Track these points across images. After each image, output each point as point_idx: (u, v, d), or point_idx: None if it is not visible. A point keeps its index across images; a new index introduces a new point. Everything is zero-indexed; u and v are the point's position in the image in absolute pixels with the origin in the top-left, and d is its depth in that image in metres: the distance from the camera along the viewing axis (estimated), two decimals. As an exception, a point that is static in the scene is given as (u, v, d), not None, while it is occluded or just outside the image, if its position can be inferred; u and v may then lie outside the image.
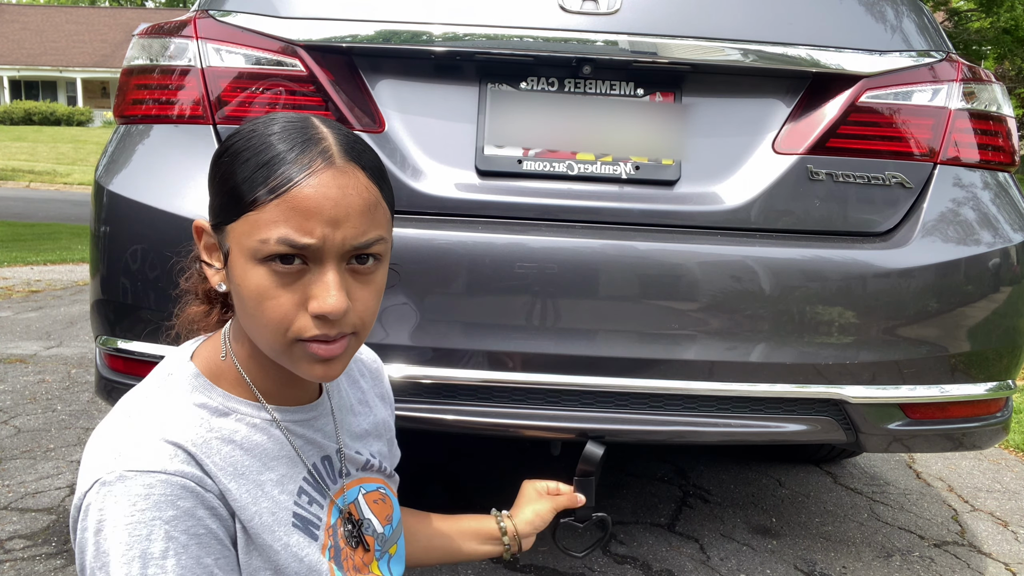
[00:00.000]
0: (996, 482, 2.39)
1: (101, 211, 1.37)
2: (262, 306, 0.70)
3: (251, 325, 0.73)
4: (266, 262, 0.69)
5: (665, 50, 1.35)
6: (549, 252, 1.29)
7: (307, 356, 0.72)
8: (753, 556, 1.77)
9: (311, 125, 0.72)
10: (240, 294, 0.71)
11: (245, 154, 0.70)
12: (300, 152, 0.69)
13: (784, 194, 1.39)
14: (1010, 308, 1.40)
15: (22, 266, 5.77)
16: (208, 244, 0.76)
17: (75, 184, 15.96)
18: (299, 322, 0.70)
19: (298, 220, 0.67)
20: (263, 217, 0.68)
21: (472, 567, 1.66)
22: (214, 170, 0.74)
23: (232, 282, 0.73)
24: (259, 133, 0.71)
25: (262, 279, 0.69)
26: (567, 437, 1.39)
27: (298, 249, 0.68)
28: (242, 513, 0.72)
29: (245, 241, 0.69)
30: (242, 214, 0.69)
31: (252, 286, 0.70)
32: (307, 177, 0.68)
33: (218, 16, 1.38)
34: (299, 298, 0.70)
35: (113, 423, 0.73)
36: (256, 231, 0.68)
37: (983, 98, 1.46)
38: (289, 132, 0.71)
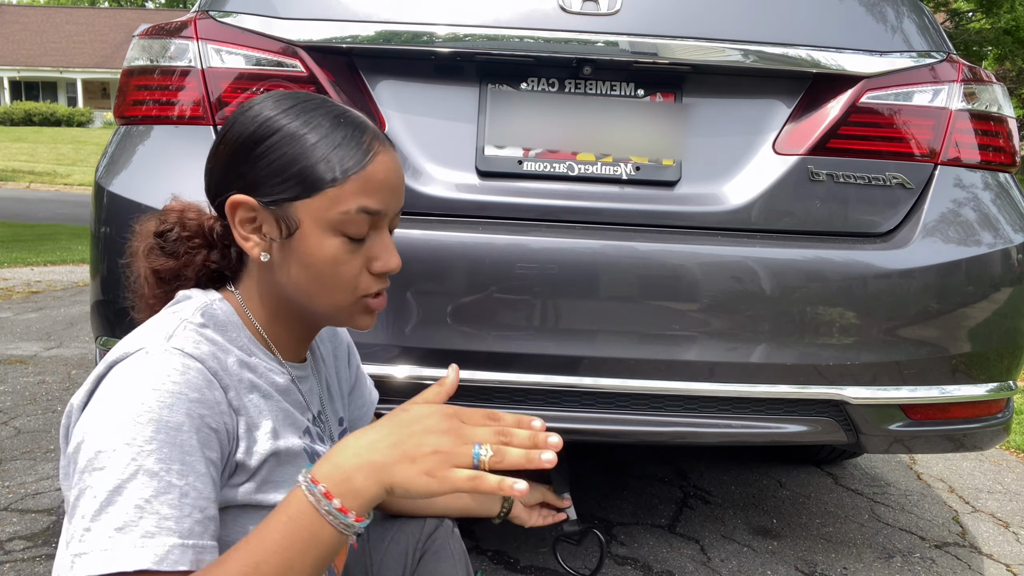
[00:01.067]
0: (997, 483, 2.39)
1: (101, 212, 1.37)
2: (337, 270, 0.81)
3: (316, 289, 0.82)
4: (342, 233, 0.80)
5: (665, 50, 1.35)
6: (549, 253, 1.29)
7: (365, 310, 0.85)
8: (754, 557, 1.76)
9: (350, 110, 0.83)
10: (309, 262, 0.81)
11: (310, 137, 0.79)
12: (362, 134, 0.81)
13: (785, 195, 1.39)
14: (1011, 309, 1.40)
15: (22, 267, 5.77)
16: (246, 218, 0.82)
17: (75, 185, 15.97)
18: (364, 282, 0.83)
19: (372, 192, 0.80)
20: (344, 191, 0.79)
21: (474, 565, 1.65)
22: (255, 149, 0.80)
23: (295, 252, 0.81)
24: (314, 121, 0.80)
25: (338, 247, 0.80)
26: (568, 438, 1.38)
27: (372, 215, 0.80)
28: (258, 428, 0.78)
29: (324, 214, 0.79)
30: (319, 191, 0.79)
31: (329, 254, 0.80)
32: (375, 155, 0.81)
33: (218, 17, 1.38)
34: (363, 261, 0.82)
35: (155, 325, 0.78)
36: (337, 204, 0.79)
37: (984, 99, 1.46)
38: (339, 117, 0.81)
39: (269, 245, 0.82)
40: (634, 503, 2.02)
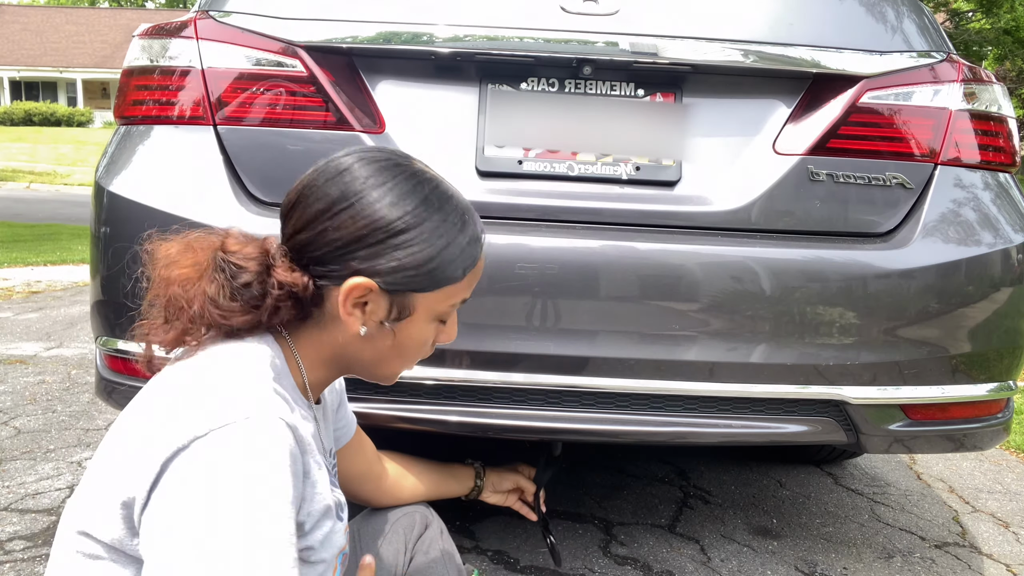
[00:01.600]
0: (997, 483, 2.39)
1: (101, 212, 1.37)
2: (422, 350, 0.87)
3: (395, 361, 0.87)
4: (440, 320, 0.86)
5: (665, 50, 1.35)
6: (550, 253, 1.29)
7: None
8: (754, 557, 1.76)
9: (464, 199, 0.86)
10: (406, 344, 0.85)
11: (448, 235, 0.81)
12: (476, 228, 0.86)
13: (785, 195, 1.39)
14: (1011, 309, 1.40)
15: (22, 267, 5.77)
16: (359, 298, 0.80)
17: (75, 185, 15.97)
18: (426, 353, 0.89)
19: (475, 283, 0.88)
20: (460, 287, 0.84)
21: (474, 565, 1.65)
22: (407, 244, 0.79)
23: (398, 334, 0.84)
24: (447, 212, 0.82)
25: (432, 331, 0.87)
26: (568, 438, 1.39)
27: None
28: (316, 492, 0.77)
29: (438, 306, 0.84)
30: (443, 287, 0.82)
31: (425, 338, 0.86)
32: (482, 249, 0.87)
33: (218, 17, 1.38)
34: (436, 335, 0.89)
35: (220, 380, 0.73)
36: (451, 298, 0.84)
37: (984, 99, 1.46)
38: (465, 212, 0.84)
39: (369, 321, 0.82)
40: (634, 503, 2.02)
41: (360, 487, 1.17)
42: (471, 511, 1.32)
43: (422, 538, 1.13)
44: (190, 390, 0.72)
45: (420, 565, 1.09)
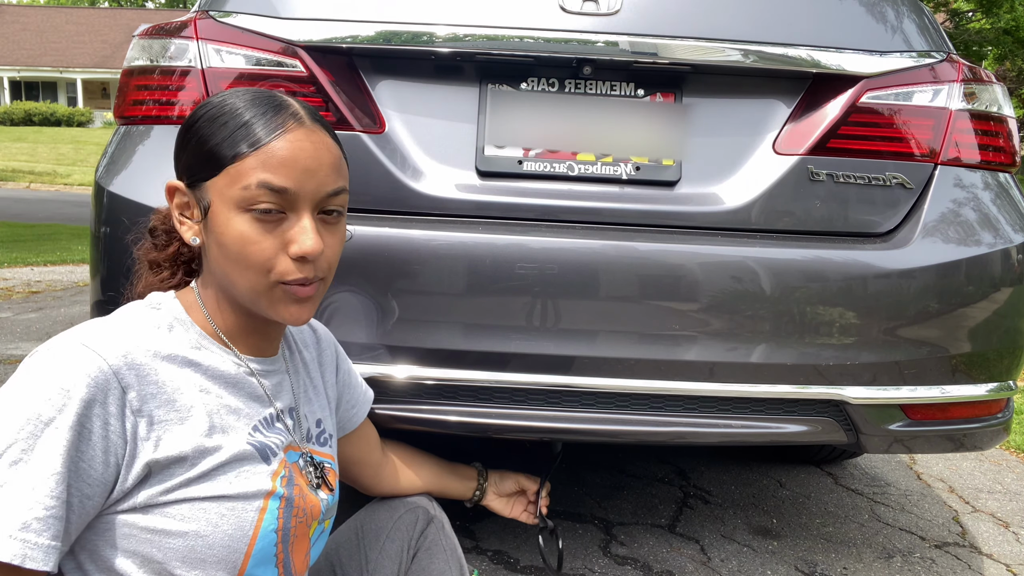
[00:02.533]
0: (997, 483, 2.39)
1: (101, 212, 1.37)
2: (245, 251, 0.79)
3: (232, 271, 0.81)
4: (248, 211, 0.78)
5: (665, 50, 1.35)
6: (549, 253, 1.29)
7: (285, 297, 0.82)
8: (754, 557, 1.76)
9: (277, 94, 0.84)
10: (222, 242, 0.80)
11: (222, 118, 0.81)
12: (274, 114, 0.81)
13: (785, 195, 1.39)
14: (1011, 309, 1.40)
15: (22, 267, 5.77)
16: (181, 203, 0.85)
17: (75, 185, 15.97)
18: (280, 265, 0.80)
19: (275, 167, 0.78)
20: (244, 167, 0.78)
21: (473, 565, 1.65)
22: (187, 135, 0.84)
23: (212, 233, 0.81)
24: (231, 102, 0.82)
25: (245, 226, 0.79)
26: (568, 438, 1.39)
27: (276, 192, 0.78)
28: (173, 424, 0.77)
29: (228, 192, 0.79)
30: (223, 168, 0.79)
31: (235, 233, 0.79)
32: (283, 133, 0.80)
33: (218, 17, 1.38)
34: (279, 243, 0.80)
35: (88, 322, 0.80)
36: (238, 180, 0.78)
37: (984, 99, 1.46)
38: (260, 98, 0.82)
39: (196, 229, 0.84)
40: (634, 503, 2.02)
41: (359, 473, 1.19)
42: (471, 511, 1.32)
43: (425, 533, 1.13)
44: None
45: (423, 561, 1.09)
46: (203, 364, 0.83)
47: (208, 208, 0.81)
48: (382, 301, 1.28)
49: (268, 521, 0.83)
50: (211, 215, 0.81)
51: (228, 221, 0.80)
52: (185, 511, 0.77)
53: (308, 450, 0.95)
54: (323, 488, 0.95)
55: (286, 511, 0.85)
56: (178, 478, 0.77)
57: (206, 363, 0.83)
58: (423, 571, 1.08)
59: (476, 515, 1.84)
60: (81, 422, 0.70)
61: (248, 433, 0.84)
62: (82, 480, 0.71)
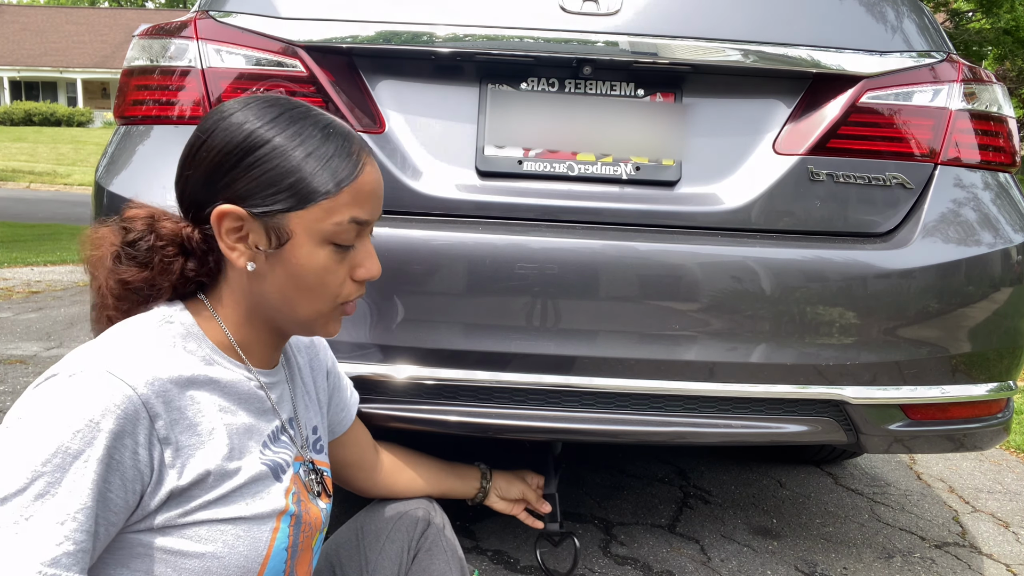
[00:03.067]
0: (997, 483, 2.39)
1: (101, 212, 1.37)
2: (324, 280, 0.82)
3: (300, 298, 0.83)
4: (332, 243, 0.81)
5: (665, 50, 1.35)
6: (549, 253, 1.29)
7: (337, 316, 0.87)
8: (754, 557, 1.76)
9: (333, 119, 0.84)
10: (298, 273, 0.81)
11: (303, 148, 0.79)
12: (351, 144, 0.82)
13: (785, 195, 1.39)
14: (1011, 309, 1.40)
15: (22, 267, 5.77)
16: (233, 228, 0.80)
17: (75, 185, 15.97)
18: (347, 288, 0.85)
19: (363, 202, 0.82)
20: (338, 202, 0.80)
21: (473, 565, 1.65)
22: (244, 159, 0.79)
23: (285, 263, 0.81)
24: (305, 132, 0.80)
25: (328, 257, 0.81)
26: (568, 438, 1.39)
27: (361, 225, 0.82)
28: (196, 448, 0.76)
29: (317, 226, 0.80)
30: (314, 202, 0.79)
31: (319, 264, 0.81)
32: (363, 167, 0.82)
33: (218, 17, 1.37)
34: (347, 269, 0.84)
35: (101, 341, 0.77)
36: (331, 215, 0.80)
37: (984, 99, 1.46)
38: (326, 127, 0.82)
39: (254, 254, 0.81)
40: (634, 503, 2.02)
41: (353, 476, 1.19)
42: (471, 511, 1.32)
43: (425, 534, 1.13)
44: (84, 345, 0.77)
45: (423, 562, 1.09)
46: (220, 381, 0.82)
47: (286, 239, 0.80)
48: (382, 301, 1.28)
49: (280, 540, 0.83)
50: (289, 246, 0.80)
51: (311, 253, 0.80)
52: (203, 533, 0.76)
53: (309, 458, 0.96)
54: (323, 496, 0.96)
55: (295, 528, 0.86)
56: (197, 500, 0.76)
57: (222, 380, 0.82)
58: (423, 572, 1.08)
59: (476, 515, 1.84)
60: (110, 454, 0.68)
61: (260, 452, 0.84)
62: (108, 510, 0.69)
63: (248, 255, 0.81)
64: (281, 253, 0.80)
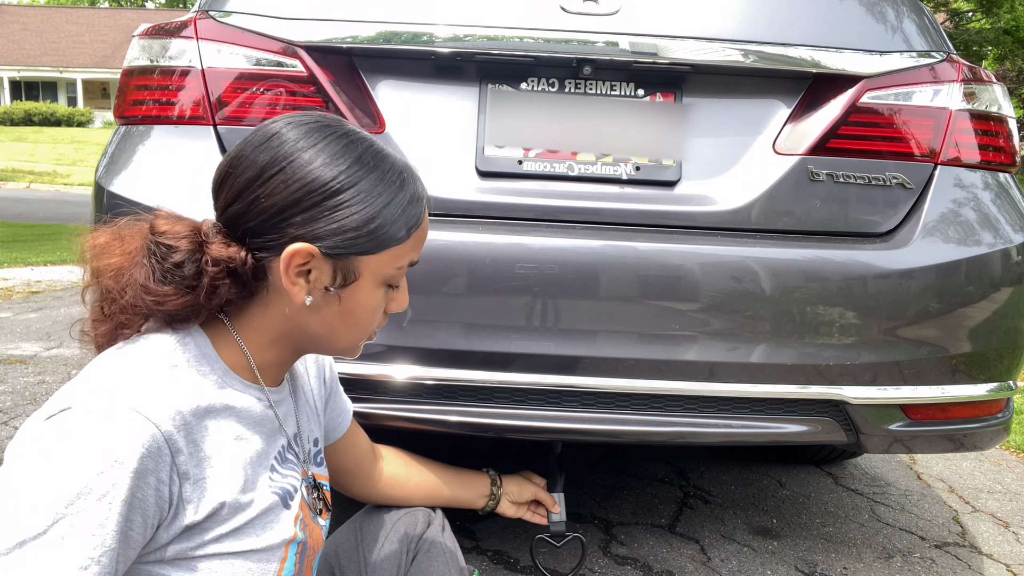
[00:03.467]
0: (997, 483, 2.39)
1: (101, 212, 1.37)
2: (373, 317, 0.84)
3: (345, 331, 0.84)
4: (388, 284, 0.83)
5: (665, 51, 1.35)
6: (549, 253, 1.29)
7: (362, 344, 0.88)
8: (754, 557, 1.76)
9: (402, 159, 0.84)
10: (353, 311, 0.82)
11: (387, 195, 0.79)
12: (418, 187, 0.83)
13: (785, 195, 1.39)
14: (1011, 309, 1.40)
15: (22, 267, 5.77)
16: (302, 264, 0.77)
17: (75, 185, 15.97)
18: (380, 320, 0.87)
19: (418, 246, 0.85)
20: (404, 249, 0.82)
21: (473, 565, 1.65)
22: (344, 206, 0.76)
23: (345, 301, 0.81)
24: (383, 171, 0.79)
25: (382, 297, 0.84)
26: (568, 438, 1.39)
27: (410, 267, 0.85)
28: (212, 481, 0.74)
29: (383, 269, 0.81)
30: (387, 249, 0.80)
31: (374, 303, 0.83)
32: (424, 211, 0.84)
33: (218, 17, 1.37)
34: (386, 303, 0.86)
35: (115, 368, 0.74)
36: (397, 260, 0.82)
37: (984, 99, 1.46)
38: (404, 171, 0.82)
39: (313, 289, 0.78)
40: (634, 503, 2.02)
41: (351, 483, 1.18)
42: (470, 511, 1.32)
43: (424, 536, 1.13)
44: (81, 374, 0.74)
45: (422, 563, 1.09)
46: (234, 407, 0.79)
47: (352, 280, 0.79)
48: (382, 301, 1.28)
49: (288, 568, 0.83)
50: (354, 287, 0.80)
51: (371, 294, 0.82)
52: (214, 566, 0.75)
53: (311, 473, 0.95)
54: (323, 513, 0.95)
55: (301, 554, 0.86)
56: (211, 534, 0.75)
57: (236, 406, 0.80)
58: (422, 573, 1.08)
59: (476, 515, 1.84)
60: (133, 493, 0.66)
61: (270, 479, 0.83)
62: (128, 547, 0.68)
63: (307, 290, 0.78)
64: (347, 295, 0.81)
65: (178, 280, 0.76)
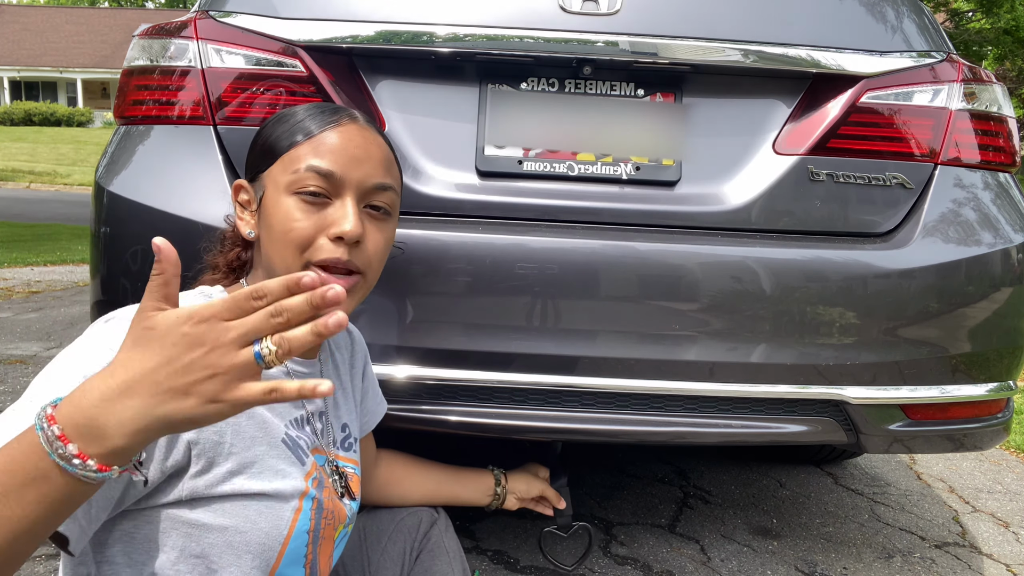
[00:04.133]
0: (997, 483, 2.39)
1: (101, 212, 1.37)
2: (287, 227, 0.84)
3: (275, 252, 0.86)
4: (296, 193, 0.84)
5: (665, 51, 1.35)
6: (549, 253, 1.29)
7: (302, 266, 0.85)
8: (754, 557, 1.76)
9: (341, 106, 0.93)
10: (270, 223, 0.86)
11: (284, 118, 0.89)
12: (332, 113, 0.89)
13: (785, 195, 1.39)
14: (1011, 309, 1.40)
15: (22, 267, 5.77)
16: (243, 200, 0.92)
17: (75, 185, 15.97)
18: (317, 243, 0.84)
19: (324, 153, 0.85)
20: (297, 153, 0.85)
21: (474, 565, 1.65)
22: (255, 139, 0.91)
23: (263, 218, 0.87)
24: (295, 107, 0.91)
25: (291, 206, 0.84)
26: (568, 439, 1.39)
27: (323, 176, 0.84)
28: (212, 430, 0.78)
29: (280, 177, 0.86)
30: (279, 156, 0.87)
31: (282, 213, 0.84)
32: (335, 126, 0.87)
33: (218, 17, 1.37)
34: (321, 225, 0.84)
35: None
36: (290, 165, 0.85)
37: (984, 99, 1.46)
38: (321, 105, 0.91)
39: (254, 223, 0.89)
40: (634, 503, 2.02)
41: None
42: (471, 510, 1.32)
43: (427, 535, 1.14)
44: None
45: (425, 562, 1.09)
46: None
47: (263, 197, 0.88)
48: (382, 301, 1.28)
49: (302, 521, 0.84)
50: (264, 201, 0.88)
51: (277, 203, 0.85)
52: (227, 507, 0.77)
53: (333, 456, 0.96)
54: (347, 496, 0.96)
55: (317, 512, 0.86)
56: (220, 468, 0.77)
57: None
58: (425, 572, 1.08)
59: (476, 515, 1.84)
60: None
61: (285, 432, 0.85)
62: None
63: (251, 224, 0.90)
64: (262, 211, 0.88)
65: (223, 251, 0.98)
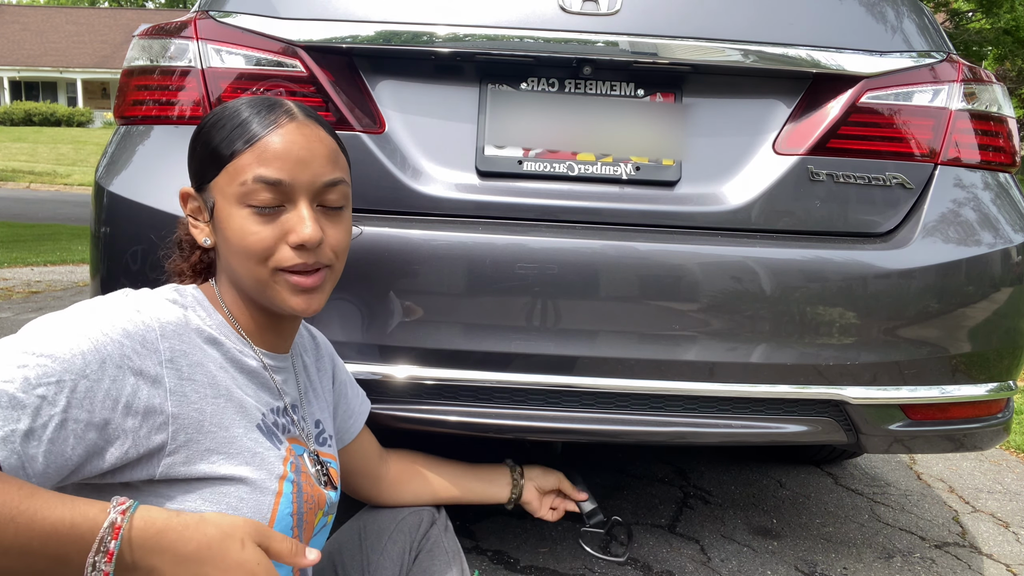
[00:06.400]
0: (997, 483, 2.39)
1: (101, 212, 1.37)
2: (245, 241, 0.83)
3: (237, 264, 0.85)
4: (248, 205, 0.83)
5: (665, 51, 1.35)
6: (549, 253, 1.29)
7: (288, 287, 0.85)
8: (754, 557, 1.76)
9: (273, 97, 0.89)
10: (226, 236, 0.85)
11: (222, 122, 0.85)
12: (267, 112, 0.85)
13: (785, 195, 1.39)
14: (1011, 309, 1.40)
15: (22, 267, 5.77)
16: (193, 208, 0.90)
17: (75, 185, 15.96)
18: (279, 253, 0.84)
19: (269, 161, 0.82)
20: (240, 163, 0.82)
21: (474, 565, 1.65)
22: (194, 144, 0.89)
23: (218, 230, 0.86)
24: (231, 107, 0.87)
25: (244, 219, 0.83)
26: (568, 439, 1.39)
27: (272, 185, 0.82)
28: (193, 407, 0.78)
29: (228, 188, 0.83)
30: (223, 167, 0.84)
31: (236, 226, 0.83)
32: (275, 128, 0.84)
33: (218, 17, 1.37)
34: (279, 233, 0.83)
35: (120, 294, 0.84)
36: (236, 177, 0.83)
37: (984, 99, 1.46)
38: (256, 100, 0.87)
39: (208, 231, 0.88)
40: (634, 503, 2.02)
41: (357, 484, 1.19)
42: (471, 511, 1.32)
43: (427, 535, 1.14)
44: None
45: (424, 562, 1.09)
46: (224, 346, 0.85)
47: (213, 207, 0.86)
48: (382, 301, 1.28)
49: (284, 505, 0.84)
50: (216, 213, 0.86)
51: (230, 215, 0.84)
52: (206, 494, 0.78)
53: (313, 449, 0.96)
54: (328, 486, 0.96)
55: (298, 496, 0.87)
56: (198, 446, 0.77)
57: (226, 346, 0.86)
58: (424, 572, 1.08)
59: (476, 515, 1.84)
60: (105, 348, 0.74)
61: (261, 418, 0.86)
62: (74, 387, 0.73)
63: (205, 232, 0.89)
64: (216, 223, 0.86)
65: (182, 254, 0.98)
